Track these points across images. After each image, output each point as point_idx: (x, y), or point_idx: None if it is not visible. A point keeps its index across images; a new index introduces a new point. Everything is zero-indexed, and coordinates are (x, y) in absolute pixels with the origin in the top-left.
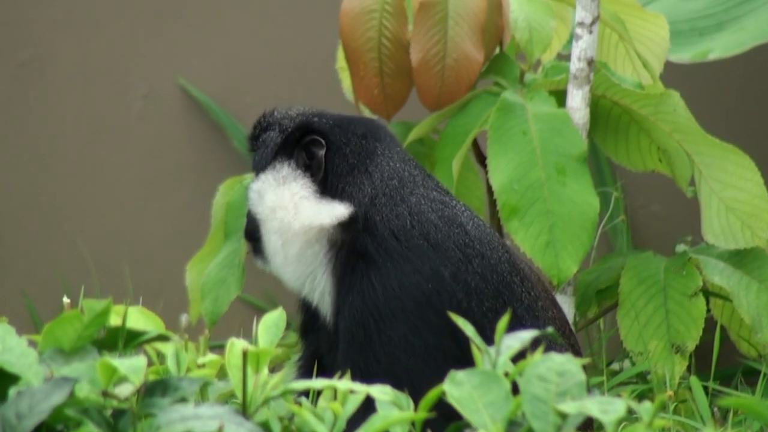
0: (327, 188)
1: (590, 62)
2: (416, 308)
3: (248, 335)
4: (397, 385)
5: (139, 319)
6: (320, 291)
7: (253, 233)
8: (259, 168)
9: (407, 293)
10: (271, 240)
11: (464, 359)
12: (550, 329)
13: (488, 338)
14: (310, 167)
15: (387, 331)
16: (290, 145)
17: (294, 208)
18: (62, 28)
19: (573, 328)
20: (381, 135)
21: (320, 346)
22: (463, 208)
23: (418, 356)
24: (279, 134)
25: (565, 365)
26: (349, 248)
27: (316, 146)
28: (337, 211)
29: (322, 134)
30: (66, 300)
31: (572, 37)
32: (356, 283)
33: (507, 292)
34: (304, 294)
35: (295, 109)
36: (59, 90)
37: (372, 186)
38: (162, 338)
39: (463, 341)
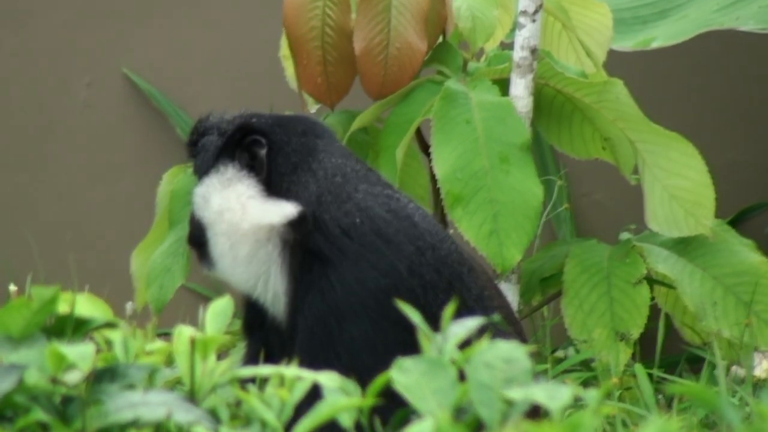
0: (272, 188)
1: (533, 51)
2: (376, 305)
3: (194, 322)
4: (359, 382)
5: (87, 306)
6: (273, 292)
7: (198, 238)
8: (201, 172)
9: (366, 290)
10: (219, 243)
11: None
12: (496, 317)
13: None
14: (253, 168)
15: (348, 329)
16: (231, 146)
17: (241, 209)
18: (4, 16)
19: (518, 316)
20: (320, 131)
21: (269, 344)
22: (407, 201)
23: (379, 353)
24: (219, 137)
25: (512, 352)
26: (302, 248)
27: (257, 146)
28: (286, 210)
29: (262, 134)
30: (13, 288)
31: (515, 26)
32: (315, 282)
33: (458, 284)
34: (255, 295)
35: (231, 113)
36: (2, 78)
37: (317, 184)
38: (110, 325)
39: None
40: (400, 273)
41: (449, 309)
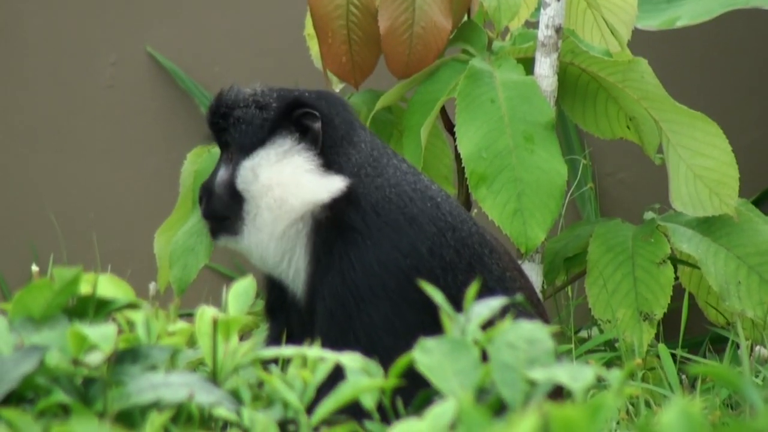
0: (324, 161)
1: (558, 30)
2: (396, 286)
3: (217, 303)
4: (379, 363)
5: (109, 287)
6: (296, 270)
7: (223, 211)
8: (246, 145)
9: (387, 271)
10: (259, 217)
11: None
12: (519, 297)
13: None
14: (306, 141)
15: (367, 311)
16: (284, 120)
17: (295, 184)
18: None
19: (541, 296)
20: (351, 107)
21: (290, 325)
22: (430, 182)
23: (399, 335)
24: (262, 110)
25: (535, 333)
26: (330, 225)
27: (310, 119)
28: (334, 184)
29: (314, 107)
30: (35, 268)
31: (540, 5)
32: (335, 261)
33: (479, 265)
34: (279, 272)
35: (258, 86)
36: (28, 57)
37: (358, 156)
38: (132, 306)
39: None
40: (421, 254)
41: (471, 289)
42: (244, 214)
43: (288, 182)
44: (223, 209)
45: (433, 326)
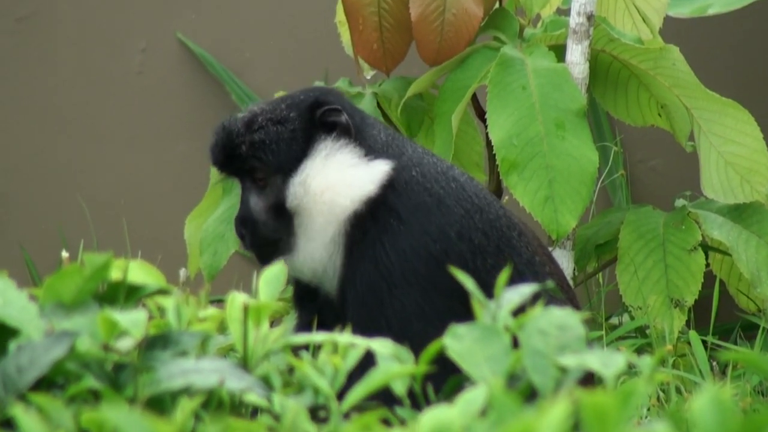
0: (363, 151)
1: (590, 17)
2: (426, 272)
3: (247, 289)
4: (410, 350)
5: (139, 273)
6: (334, 267)
7: (271, 236)
8: (285, 163)
9: (418, 256)
10: (312, 226)
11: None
12: (549, 283)
13: (493, 296)
14: (341, 137)
15: (399, 296)
16: (313, 125)
17: (346, 183)
18: None
19: (572, 282)
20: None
21: (321, 315)
22: (450, 164)
23: (430, 321)
24: (286, 124)
25: (565, 319)
26: (366, 212)
27: (334, 115)
28: (378, 171)
29: (332, 102)
30: (65, 254)
31: None
32: (367, 250)
33: (507, 248)
34: (321, 275)
35: (257, 105)
36: (58, 44)
37: (380, 138)
38: (163, 292)
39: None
40: (450, 238)
41: (503, 275)
42: (296, 229)
43: (338, 182)
44: (274, 233)
45: (462, 312)
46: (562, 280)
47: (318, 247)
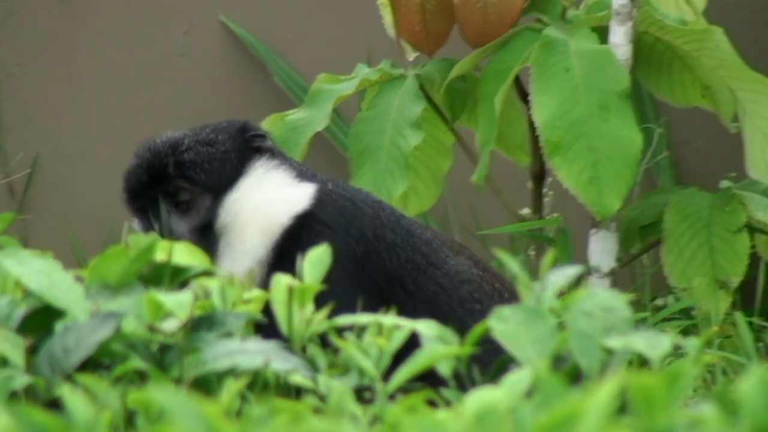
0: (293, 172)
1: None
2: (355, 272)
3: None
4: None
5: (184, 254)
6: (261, 277)
7: (206, 244)
8: (220, 183)
9: (347, 258)
10: (244, 242)
11: None
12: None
13: (411, 292)
14: (274, 159)
15: (334, 297)
16: (243, 146)
17: (282, 200)
18: None
19: (616, 264)
20: None
21: None
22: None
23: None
24: (215, 146)
25: (611, 301)
26: (298, 225)
27: (260, 140)
28: (308, 189)
29: (257, 129)
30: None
31: None
32: (297, 252)
33: (411, 238)
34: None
35: (186, 129)
36: (101, 26)
37: (298, 166)
38: (208, 273)
39: (392, 305)
40: (369, 239)
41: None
42: (222, 249)
43: (276, 199)
44: (205, 243)
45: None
46: (482, 267)
47: (246, 263)
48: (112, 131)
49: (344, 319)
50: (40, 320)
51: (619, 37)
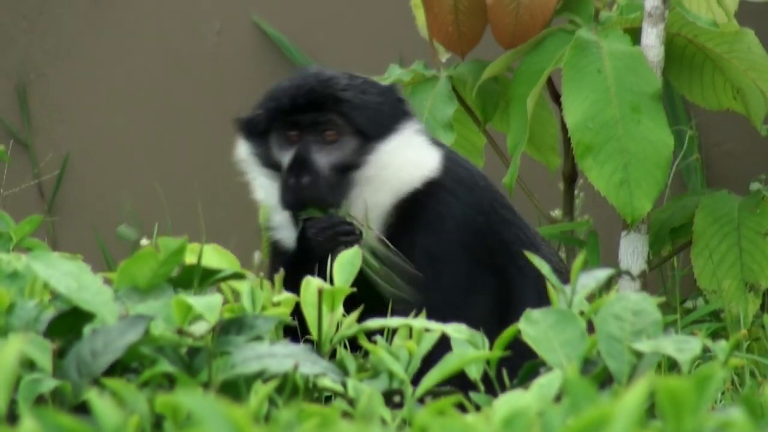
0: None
1: (665, 0)
2: (473, 242)
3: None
4: (456, 315)
5: (213, 257)
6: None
7: (328, 199)
8: (374, 131)
9: (467, 227)
10: (374, 197)
11: (504, 297)
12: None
13: (521, 267)
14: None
15: (453, 265)
16: (396, 103)
17: (420, 162)
18: None
19: (647, 266)
20: None
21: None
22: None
23: (477, 291)
24: (374, 96)
25: (641, 304)
26: (421, 191)
27: (406, 104)
28: (437, 154)
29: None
30: (144, 241)
31: None
32: (425, 220)
33: (516, 217)
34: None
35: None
36: (133, 25)
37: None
38: (237, 276)
39: (503, 280)
40: (486, 210)
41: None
42: (353, 197)
43: (416, 161)
44: (331, 194)
45: (495, 285)
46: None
47: (372, 215)
48: (143, 131)
49: (374, 323)
50: (69, 323)
51: (651, 39)
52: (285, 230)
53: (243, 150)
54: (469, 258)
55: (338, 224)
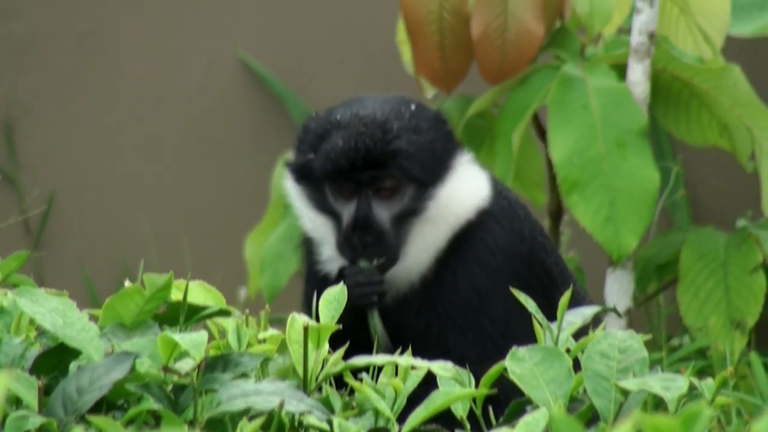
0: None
1: (651, 36)
2: (522, 269)
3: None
4: (513, 344)
5: (199, 293)
6: (425, 273)
7: (394, 246)
8: (428, 174)
9: (514, 254)
10: (432, 235)
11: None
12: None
13: (562, 292)
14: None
15: (501, 294)
16: (446, 136)
17: (474, 195)
18: (123, 1)
19: (632, 303)
20: None
21: (382, 328)
22: None
23: (528, 317)
24: (424, 134)
25: (627, 342)
26: (473, 221)
27: (453, 133)
28: (486, 180)
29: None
30: (128, 283)
31: (633, 11)
32: (471, 250)
33: (550, 244)
34: (414, 282)
35: (387, 106)
36: (119, 62)
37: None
38: (223, 313)
39: (553, 300)
40: (527, 238)
41: (565, 297)
42: (415, 236)
43: (472, 194)
44: (393, 250)
45: (548, 310)
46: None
47: (430, 254)
48: (129, 168)
49: (360, 361)
50: (55, 360)
51: (637, 75)
52: (333, 264)
53: (292, 189)
54: (516, 284)
55: (375, 283)
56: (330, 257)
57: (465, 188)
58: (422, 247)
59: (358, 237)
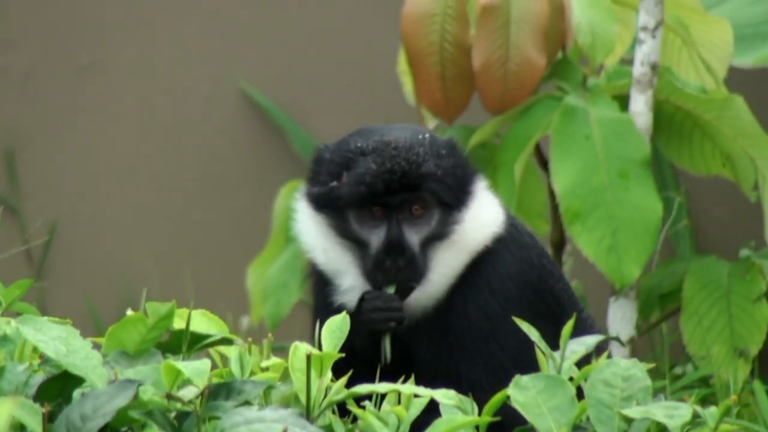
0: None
1: (654, 66)
2: (532, 296)
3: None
4: (524, 372)
5: (202, 322)
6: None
7: (423, 270)
8: (454, 198)
9: (523, 282)
10: (452, 260)
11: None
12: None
13: (570, 317)
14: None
15: (512, 321)
16: (465, 162)
17: (494, 221)
18: (123, 32)
19: (636, 332)
20: None
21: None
22: None
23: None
24: (446, 159)
25: (631, 370)
26: (487, 247)
27: (468, 158)
28: (501, 210)
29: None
30: (129, 311)
31: (636, 42)
32: (482, 276)
33: (555, 269)
34: (430, 307)
35: (402, 134)
36: (120, 93)
37: None
38: (226, 341)
39: (563, 326)
40: (536, 265)
41: (568, 326)
42: (438, 261)
43: (491, 221)
44: (423, 274)
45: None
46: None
47: (449, 279)
48: (131, 197)
49: (363, 388)
50: (58, 387)
51: (640, 106)
52: (353, 294)
53: (310, 220)
54: (526, 311)
55: (394, 309)
56: (349, 287)
57: (485, 213)
58: (443, 272)
59: (391, 261)
